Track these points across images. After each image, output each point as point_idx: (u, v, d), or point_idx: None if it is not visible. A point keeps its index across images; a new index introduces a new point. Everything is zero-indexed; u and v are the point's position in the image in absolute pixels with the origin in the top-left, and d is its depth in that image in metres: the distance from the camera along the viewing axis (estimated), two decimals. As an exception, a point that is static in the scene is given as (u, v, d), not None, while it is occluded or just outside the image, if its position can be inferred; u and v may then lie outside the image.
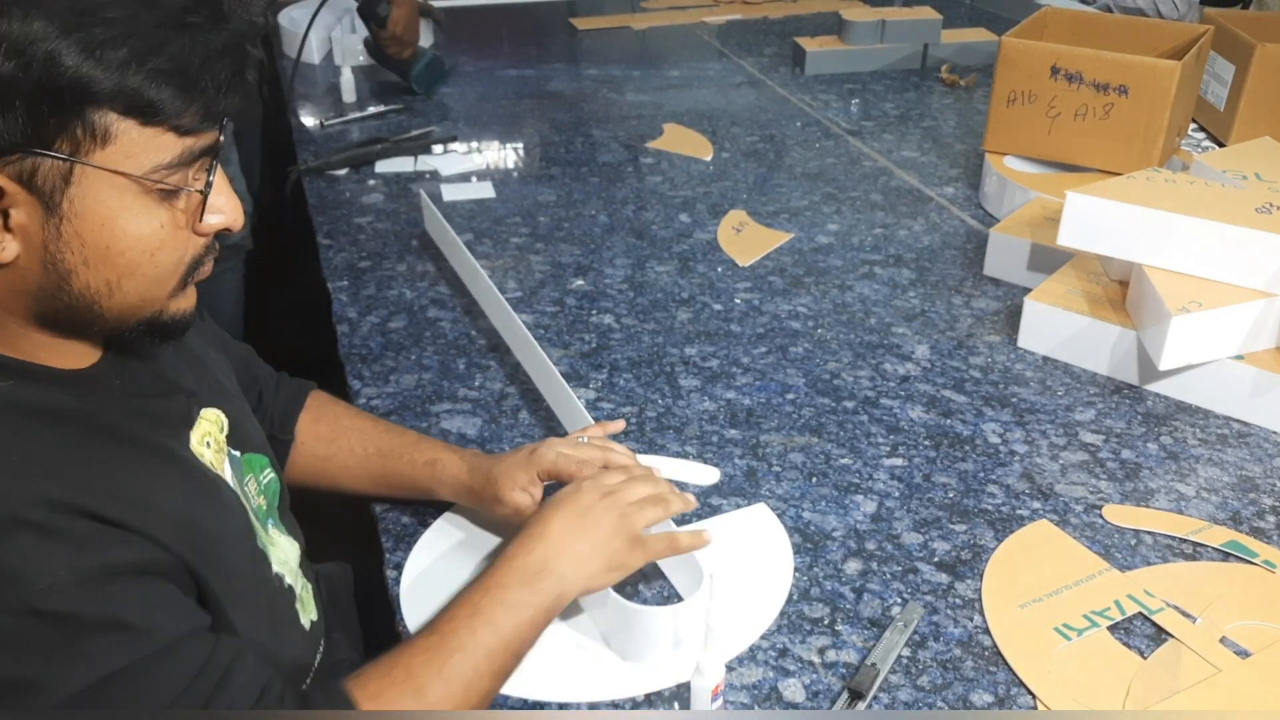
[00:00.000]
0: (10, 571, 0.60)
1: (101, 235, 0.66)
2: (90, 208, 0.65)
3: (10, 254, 0.65)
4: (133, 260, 0.67)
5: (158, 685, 0.64)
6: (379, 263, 1.52)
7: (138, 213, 0.66)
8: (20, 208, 0.63)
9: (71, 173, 0.63)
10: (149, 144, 0.65)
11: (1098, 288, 1.31)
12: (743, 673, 0.86)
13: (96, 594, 0.62)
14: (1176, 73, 1.52)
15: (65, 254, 0.65)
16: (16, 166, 0.62)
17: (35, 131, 0.61)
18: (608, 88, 2.31)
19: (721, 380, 1.25)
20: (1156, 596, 0.93)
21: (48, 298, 0.67)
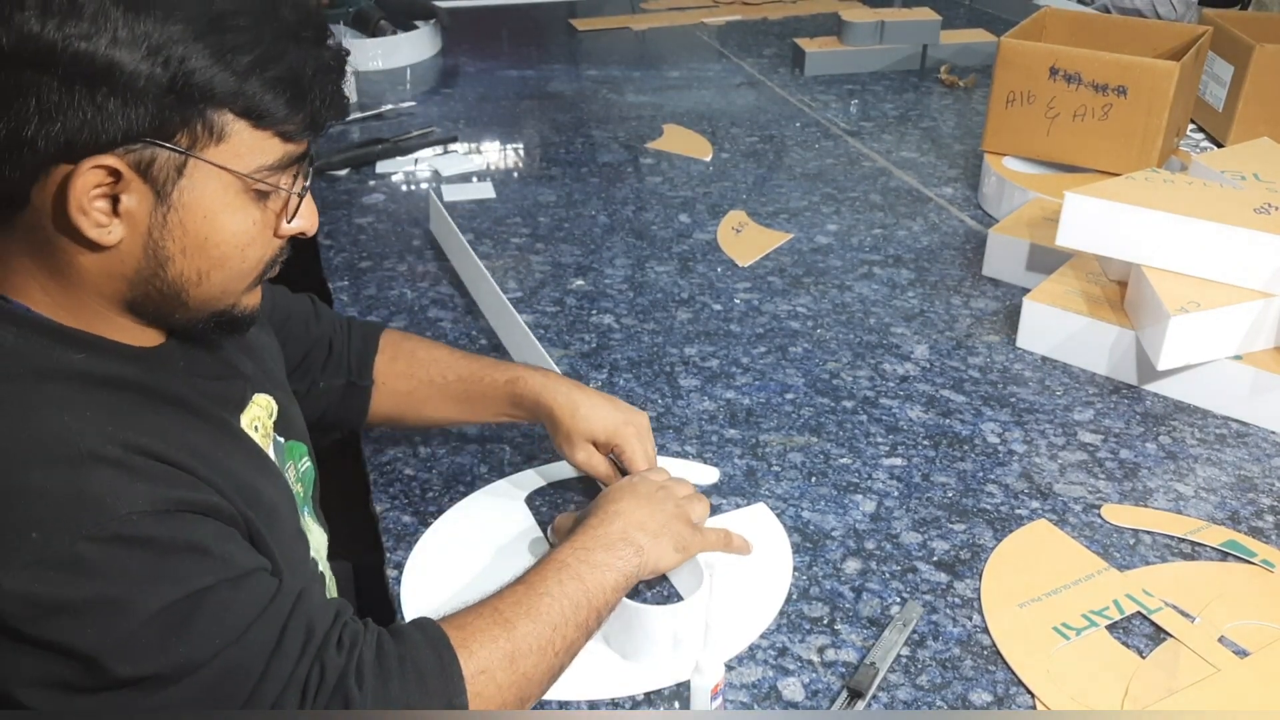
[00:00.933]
0: (93, 500, 0.63)
1: (203, 227, 0.70)
2: (197, 200, 0.69)
3: (115, 237, 0.68)
4: (225, 254, 0.72)
5: (239, 606, 0.67)
6: (379, 263, 1.52)
7: (237, 209, 0.71)
8: (133, 194, 0.67)
9: (185, 165, 0.67)
10: (257, 146, 0.69)
11: (1096, 288, 1.32)
12: (742, 672, 0.86)
13: (174, 523, 0.66)
14: (1175, 73, 1.52)
15: (167, 241, 0.69)
16: (136, 155, 0.66)
17: (160, 124, 0.65)
18: (608, 88, 2.32)
19: (721, 380, 1.25)
20: (1155, 596, 0.93)
21: (142, 282, 0.71)
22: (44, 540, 0.61)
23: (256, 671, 0.67)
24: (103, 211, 0.67)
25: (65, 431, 0.65)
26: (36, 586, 0.61)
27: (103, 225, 0.67)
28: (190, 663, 0.65)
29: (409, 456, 1.12)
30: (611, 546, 0.85)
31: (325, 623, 0.71)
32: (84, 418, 0.66)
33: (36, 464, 0.63)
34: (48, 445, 0.64)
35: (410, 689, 0.71)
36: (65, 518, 0.62)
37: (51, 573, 0.61)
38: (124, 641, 0.63)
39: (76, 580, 0.62)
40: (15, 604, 0.61)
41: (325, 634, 0.70)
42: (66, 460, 0.63)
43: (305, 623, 0.69)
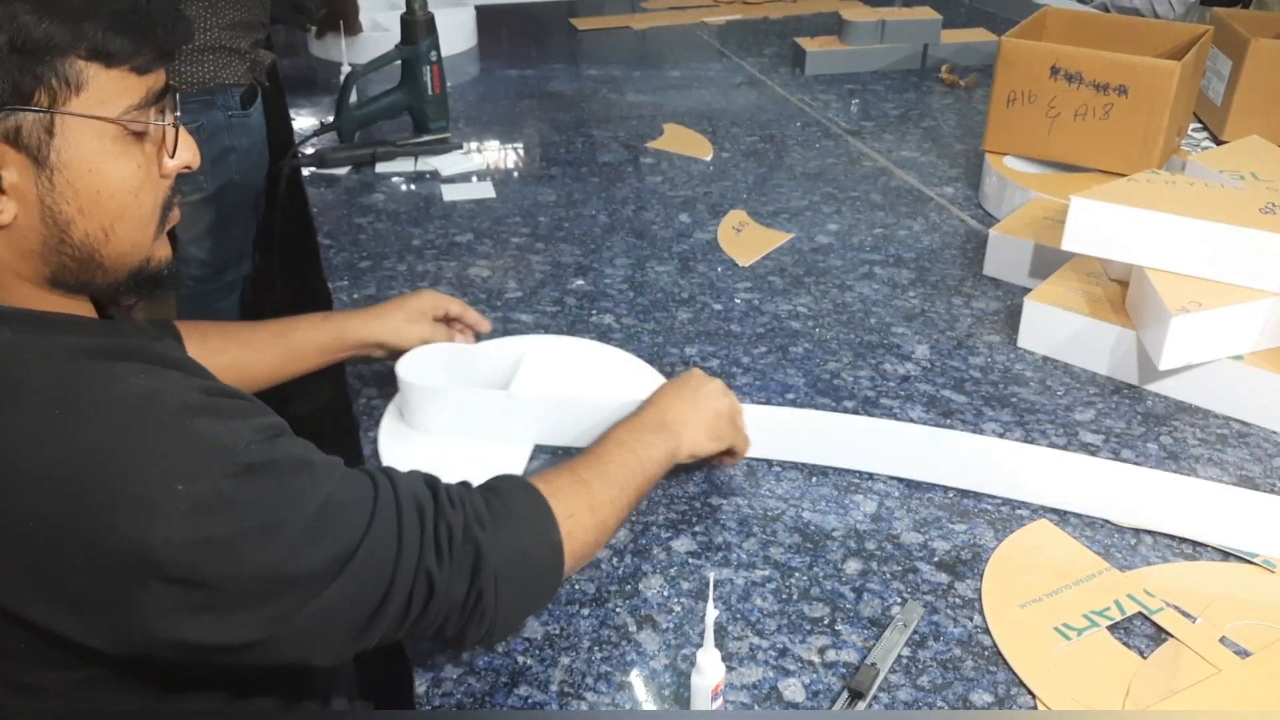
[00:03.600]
0: (212, 443, 0.67)
1: (91, 181, 0.70)
2: (76, 155, 0.69)
3: (9, 215, 0.68)
4: (121, 203, 0.73)
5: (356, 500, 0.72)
6: (379, 263, 1.52)
7: (118, 155, 0.71)
8: (11, 167, 0.68)
9: (53, 124, 0.68)
10: (116, 87, 0.70)
11: (1097, 288, 1.31)
12: (743, 672, 0.86)
13: (279, 445, 0.71)
14: (1176, 73, 1.52)
15: (61, 205, 0.70)
16: (1, 126, 0.66)
17: (15, 89, 0.66)
18: (608, 88, 2.31)
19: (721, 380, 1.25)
20: (1156, 596, 0.93)
21: (52, 253, 0.71)
22: (189, 489, 0.64)
23: (393, 548, 0.72)
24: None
25: (145, 392, 0.67)
26: (199, 531, 0.64)
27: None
28: (338, 559, 0.69)
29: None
30: (657, 430, 0.97)
31: (426, 490, 0.77)
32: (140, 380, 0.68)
33: (144, 427, 0.66)
34: (141, 408, 0.67)
35: (520, 527, 0.80)
36: (199, 464, 0.65)
37: (206, 516, 0.65)
38: (282, 558, 0.67)
39: (230, 515, 0.66)
40: (183, 552, 0.64)
41: (435, 499, 0.76)
42: (169, 416, 0.67)
43: (413, 496, 0.75)
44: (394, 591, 0.71)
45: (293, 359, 1.11)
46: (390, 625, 0.73)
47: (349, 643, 0.72)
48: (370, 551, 0.71)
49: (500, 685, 0.85)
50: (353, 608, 0.70)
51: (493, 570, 0.76)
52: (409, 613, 0.73)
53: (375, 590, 0.71)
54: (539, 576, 0.81)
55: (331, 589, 0.69)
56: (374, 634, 0.72)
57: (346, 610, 0.70)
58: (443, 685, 0.85)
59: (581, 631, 0.90)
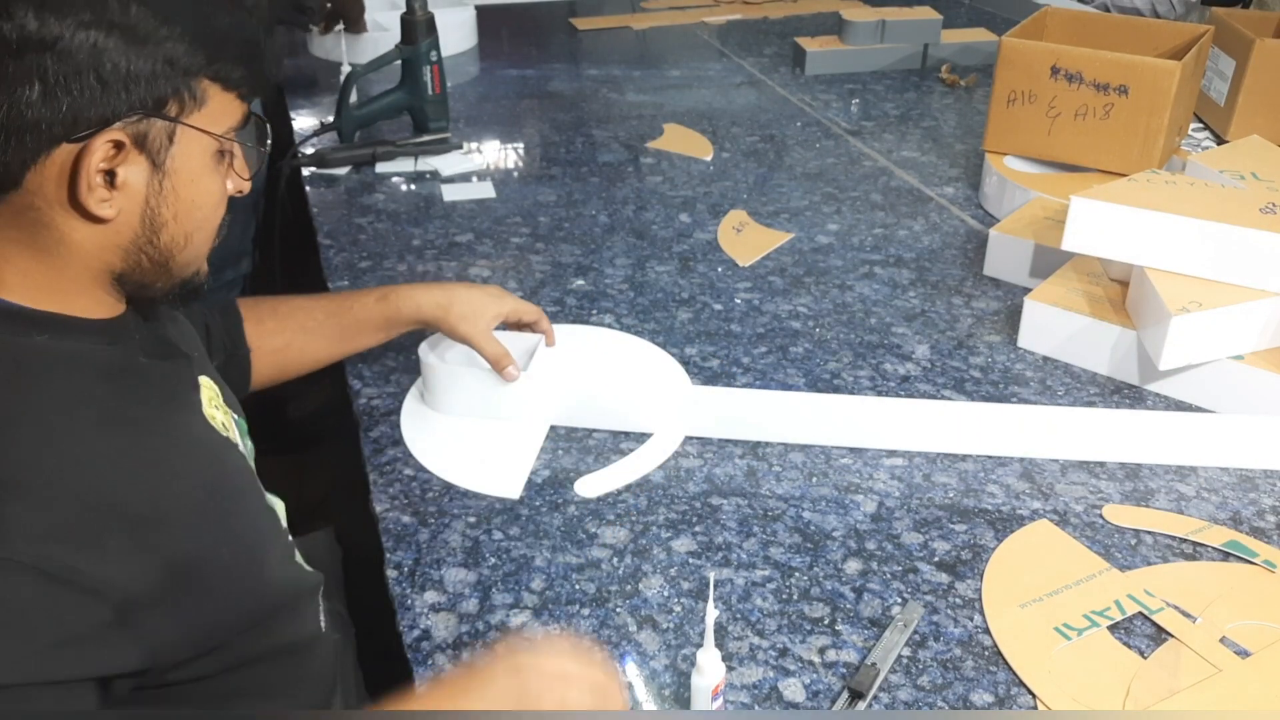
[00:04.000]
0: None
1: (190, 190, 0.76)
2: (185, 165, 0.75)
3: (114, 209, 0.72)
4: (205, 215, 0.78)
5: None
6: (379, 263, 1.52)
7: (212, 170, 0.77)
8: (131, 165, 0.72)
9: (175, 133, 0.73)
10: (225, 109, 0.76)
11: (1098, 288, 1.31)
12: (743, 672, 0.86)
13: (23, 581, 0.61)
14: (1176, 73, 1.52)
15: (162, 208, 0.75)
16: (134, 128, 0.71)
17: (154, 96, 0.71)
18: (608, 88, 2.31)
19: (721, 380, 1.25)
20: (1156, 596, 0.93)
21: (135, 251, 0.75)
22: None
23: None
24: (102, 186, 0.71)
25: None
26: None
27: (105, 199, 0.71)
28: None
29: (409, 456, 1.11)
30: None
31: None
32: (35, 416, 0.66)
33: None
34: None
35: None
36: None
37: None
38: None
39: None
40: None
41: None
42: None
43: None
44: None
45: (347, 338, 1.13)
46: None
47: None
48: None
49: (500, 685, 0.85)
50: None
51: None
52: None
53: None
54: None
55: None
56: None
57: None
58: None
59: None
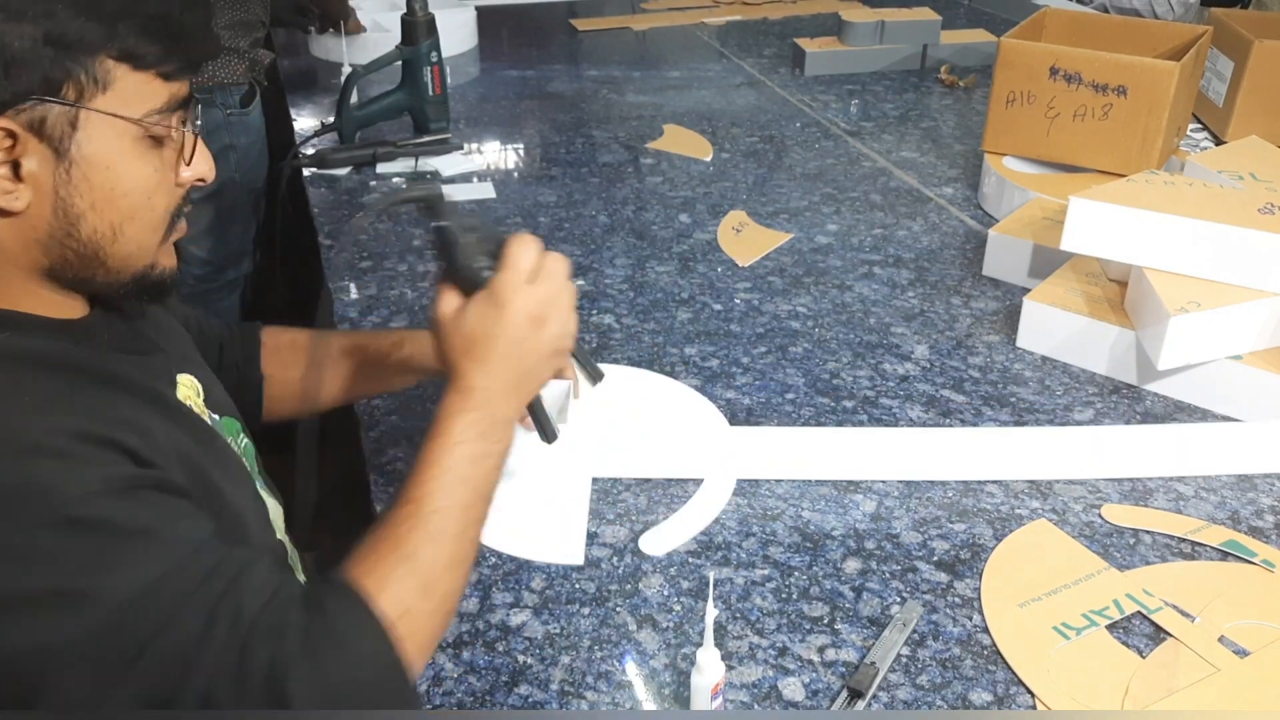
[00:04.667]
0: (42, 488, 0.62)
1: (107, 178, 0.71)
2: (96, 151, 0.70)
3: (23, 202, 0.69)
4: (134, 204, 0.73)
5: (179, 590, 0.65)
6: (379, 263, 1.52)
7: (136, 156, 0.72)
8: (31, 155, 0.68)
9: (77, 118, 0.69)
10: (141, 90, 0.71)
11: (1096, 288, 1.32)
12: (742, 671, 0.86)
13: (126, 501, 0.65)
14: (1175, 73, 1.52)
15: (75, 198, 0.70)
16: (28, 115, 0.67)
17: (44, 80, 0.67)
18: (608, 88, 2.32)
19: (721, 380, 1.25)
20: (1155, 596, 0.93)
21: (56, 245, 0.72)
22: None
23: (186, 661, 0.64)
24: (5, 178, 0.68)
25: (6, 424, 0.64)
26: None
27: (9, 192, 0.68)
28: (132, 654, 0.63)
29: (409, 456, 1.12)
30: (485, 433, 0.78)
31: (257, 606, 0.66)
32: (22, 405, 0.66)
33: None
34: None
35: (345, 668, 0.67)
36: (17, 508, 0.62)
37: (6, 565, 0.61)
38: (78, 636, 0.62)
39: (36, 569, 0.61)
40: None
41: (254, 622, 0.65)
42: (12, 451, 0.63)
43: (234, 611, 0.65)
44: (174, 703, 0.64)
45: (362, 379, 1.05)
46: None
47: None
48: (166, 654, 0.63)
49: (501, 684, 0.85)
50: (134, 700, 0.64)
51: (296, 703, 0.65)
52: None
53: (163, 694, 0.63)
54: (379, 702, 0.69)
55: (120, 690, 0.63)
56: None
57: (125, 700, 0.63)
58: (443, 684, 0.85)
59: (581, 631, 0.90)
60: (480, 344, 0.79)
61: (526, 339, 0.80)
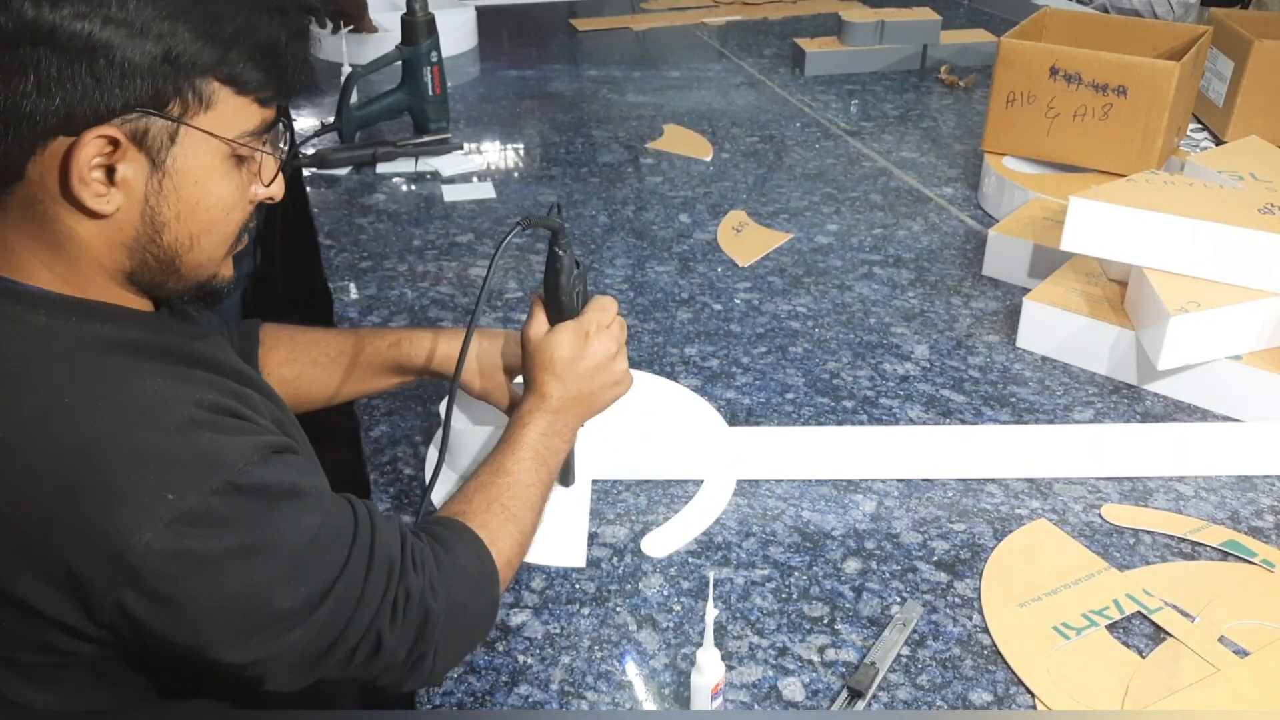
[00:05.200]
0: (210, 456, 0.68)
1: (194, 192, 0.74)
2: (189, 165, 0.73)
3: (114, 205, 0.72)
4: (213, 218, 0.76)
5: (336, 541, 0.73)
6: (380, 263, 1.52)
7: (223, 174, 0.75)
8: (129, 162, 0.71)
9: (178, 133, 0.72)
10: (239, 112, 0.74)
11: (1096, 288, 1.32)
12: (742, 672, 0.86)
13: (275, 466, 0.72)
14: (1175, 73, 1.52)
15: (163, 207, 0.73)
16: (132, 125, 0.70)
17: (155, 95, 0.70)
18: (608, 88, 2.32)
19: (721, 380, 1.25)
20: (1155, 596, 0.93)
21: (139, 249, 0.74)
22: (179, 499, 0.65)
23: (354, 600, 0.73)
24: (100, 181, 0.70)
25: (157, 397, 0.69)
26: (180, 542, 0.65)
27: (102, 194, 0.70)
28: (312, 600, 0.71)
29: (409, 456, 1.12)
30: (556, 431, 0.94)
31: (397, 548, 0.77)
32: (158, 383, 0.71)
33: (151, 430, 0.67)
34: (147, 412, 0.68)
35: (467, 588, 0.81)
36: (193, 476, 0.67)
37: (190, 528, 0.66)
38: (263, 585, 0.68)
39: (214, 531, 0.67)
40: (162, 561, 0.65)
41: (402, 560, 0.76)
42: (174, 424, 0.68)
43: (385, 550, 0.76)
44: (343, 640, 0.73)
45: (356, 378, 1.08)
46: (333, 669, 0.74)
47: (296, 679, 0.73)
48: (337, 597, 0.72)
49: (501, 684, 0.85)
50: (308, 648, 0.72)
51: (437, 634, 0.77)
52: (351, 662, 0.74)
53: (328, 636, 0.72)
54: (477, 631, 0.84)
55: (300, 629, 0.70)
56: (316, 674, 0.74)
57: (303, 649, 0.71)
58: (443, 684, 0.85)
59: (581, 631, 0.90)
60: (561, 364, 0.95)
61: (596, 373, 0.96)
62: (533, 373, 0.96)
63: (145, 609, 0.66)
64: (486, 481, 0.88)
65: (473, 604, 0.81)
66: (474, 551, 0.83)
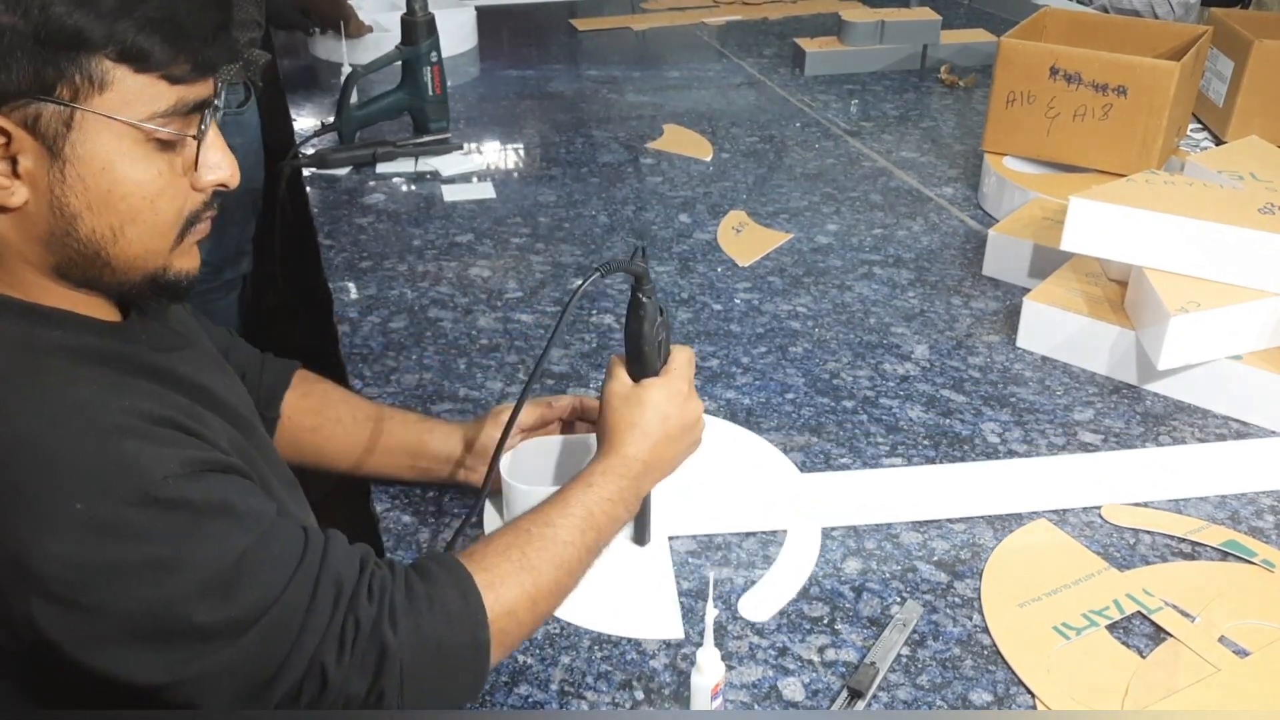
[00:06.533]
0: (127, 466, 0.65)
1: (103, 180, 0.69)
2: (91, 152, 0.68)
3: (20, 198, 0.68)
4: (133, 206, 0.71)
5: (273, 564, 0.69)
6: (380, 263, 1.52)
7: (136, 159, 0.70)
8: (27, 153, 0.67)
9: (72, 118, 0.67)
10: (144, 92, 0.68)
11: (1096, 288, 1.32)
12: (742, 672, 0.86)
13: (203, 483, 0.68)
14: (1175, 73, 1.52)
15: (70, 198, 0.69)
16: (21, 113, 0.66)
17: (37, 79, 0.65)
18: (608, 88, 2.32)
19: (721, 380, 1.25)
20: (1155, 596, 0.93)
21: (58, 244, 0.70)
22: (87, 507, 0.63)
23: (295, 628, 0.68)
24: (4, 174, 0.67)
25: (85, 404, 0.66)
26: (84, 552, 0.62)
27: (5, 187, 0.67)
28: (239, 621, 0.67)
29: (409, 456, 1.11)
30: (623, 496, 0.88)
31: (353, 574, 0.72)
32: (94, 389, 0.68)
33: (68, 435, 0.64)
34: (73, 417, 0.65)
35: (441, 623, 0.74)
36: (104, 484, 0.64)
37: (96, 537, 0.63)
38: (175, 600, 0.65)
39: (123, 543, 0.63)
40: (63, 568, 0.62)
41: (355, 586, 0.72)
42: (96, 431, 0.65)
43: (334, 577, 0.71)
44: (285, 671, 0.68)
45: (373, 450, 1.03)
46: (283, 702, 0.70)
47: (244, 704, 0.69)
48: (272, 621, 0.68)
49: (500, 684, 0.85)
50: (243, 675, 0.68)
51: (398, 670, 0.71)
52: (300, 698, 0.70)
53: (266, 666, 0.68)
54: (455, 677, 0.75)
55: (227, 650, 0.66)
56: (268, 703, 0.69)
57: (237, 676, 0.67)
58: (443, 684, 0.85)
59: (581, 631, 0.90)
60: (642, 426, 0.90)
61: (677, 440, 0.92)
62: (617, 430, 0.90)
63: (53, 619, 0.63)
64: (520, 528, 0.82)
65: (448, 641, 0.74)
66: (460, 588, 0.76)
